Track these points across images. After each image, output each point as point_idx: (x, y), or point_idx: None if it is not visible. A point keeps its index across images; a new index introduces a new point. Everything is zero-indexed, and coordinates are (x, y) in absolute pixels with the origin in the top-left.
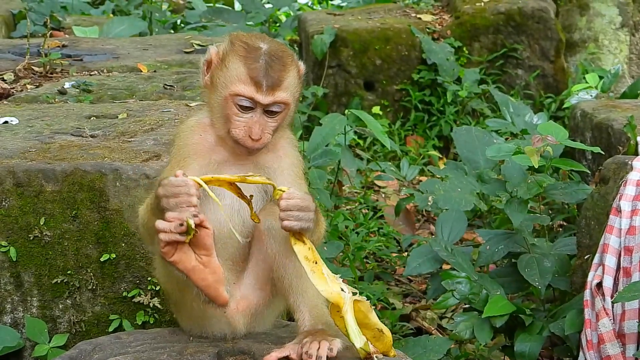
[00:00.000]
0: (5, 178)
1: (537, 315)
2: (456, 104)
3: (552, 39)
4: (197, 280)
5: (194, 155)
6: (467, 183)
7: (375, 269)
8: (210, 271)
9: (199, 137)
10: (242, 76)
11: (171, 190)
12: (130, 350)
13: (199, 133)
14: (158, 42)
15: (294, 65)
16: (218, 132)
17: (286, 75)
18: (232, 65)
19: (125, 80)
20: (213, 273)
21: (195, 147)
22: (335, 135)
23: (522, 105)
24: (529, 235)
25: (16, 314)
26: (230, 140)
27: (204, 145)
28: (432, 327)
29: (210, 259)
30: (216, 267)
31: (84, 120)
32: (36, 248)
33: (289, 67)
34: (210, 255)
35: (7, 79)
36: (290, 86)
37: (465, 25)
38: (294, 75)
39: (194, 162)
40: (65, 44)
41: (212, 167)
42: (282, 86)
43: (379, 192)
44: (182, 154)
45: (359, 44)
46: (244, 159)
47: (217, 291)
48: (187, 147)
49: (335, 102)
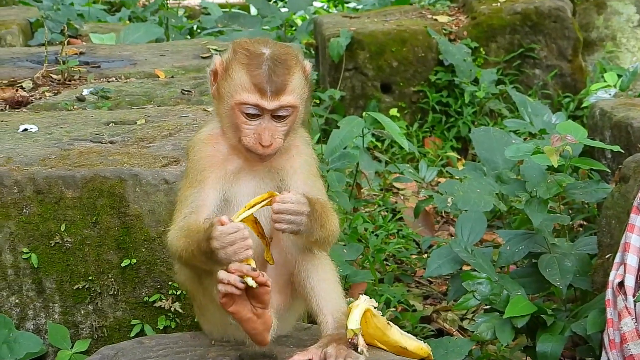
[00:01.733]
0: (26, 185)
1: (558, 315)
2: (474, 104)
3: (569, 38)
4: (248, 329)
5: (210, 168)
6: (486, 184)
7: (395, 271)
8: (262, 322)
9: (212, 149)
10: (245, 84)
11: (227, 239)
12: (152, 354)
13: (212, 145)
14: (175, 47)
15: (298, 67)
16: (230, 141)
17: (290, 79)
18: (236, 74)
19: (142, 86)
20: (264, 323)
21: (210, 159)
22: (353, 138)
23: (540, 105)
24: (549, 235)
25: (38, 320)
26: (242, 149)
27: (218, 157)
28: (453, 328)
29: (264, 312)
30: (268, 319)
31: (102, 127)
32: (57, 254)
33: (293, 70)
34: (266, 308)
35: (26, 87)
36: (296, 88)
37: (481, 25)
38: (299, 77)
39: (211, 174)
40: (82, 51)
41: (228, 177)
42: (287, 90)
43: (398, 194)
44: (198, 167)
45: (375, 46)
46: (257, 164)
47: (263, 336)
48: (202, 160)
49: (352, 104)
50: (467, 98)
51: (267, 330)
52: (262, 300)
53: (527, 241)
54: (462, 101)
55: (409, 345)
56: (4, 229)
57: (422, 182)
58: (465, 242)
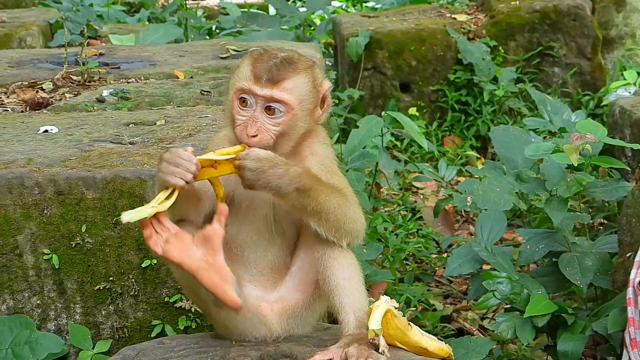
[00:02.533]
0: (47, 186)
1: (579, 314)
2: (493, 103)
3: (588, 36)
4: (202, 280)
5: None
6: (505, 183)
7: (415, 270)
8: (216, 270)
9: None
10: (246, 74)
11: (174, 160)
12: (173, 355)
13: (224, 145)
14: (194, 48)
15: (308, 73)
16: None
17: (292, 76)
18: (243, 67)
19: (162, 87)
20: (218, 272)
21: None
22: (373, 137)
23: (559, 104)
24: (570, 234)
25: (60, 320)
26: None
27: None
28: (473, 327)
29: (215, 259)
30: (221, 267)
31: (122, 128)
32: (78, 255)
33: (300, 72)
34: (216, 255)
35: (46, 88)
36: (297, 89)
37: (500, 24)
38: (305, 82)
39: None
40: (102, 52)
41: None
42: (284, 84)
43: (417, 194)
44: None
45: (394, 45)
46: None
47: (225, 292)
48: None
49: (371, 104)
50: (486, 97)
51: (226, 282)
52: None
53: (547, 240)
54: (481, 100)
55: (429, 346)
56: (25, 230)
57: (441, 181)
58: (485, 241)
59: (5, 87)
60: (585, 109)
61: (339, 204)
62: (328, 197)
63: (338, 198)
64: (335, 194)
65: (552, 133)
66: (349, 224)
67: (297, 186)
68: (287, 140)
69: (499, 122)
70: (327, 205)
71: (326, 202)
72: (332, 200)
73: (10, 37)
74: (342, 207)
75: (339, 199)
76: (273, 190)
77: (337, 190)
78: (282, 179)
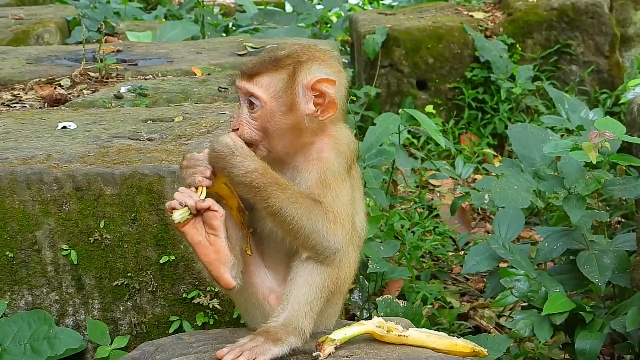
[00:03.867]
0: (65, 182)
1: (597, 312)
2: (510, 101)
3: (606, 34)
4: (200, 255)
5: None
6: (523, 180)
7: (432, 268)
8: (214, 250)
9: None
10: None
11: (192, 162)
12: (192, 350)
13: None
14: (211, 45)
15: (287, 70)
16: None
17: (267, 72)
18: None
19: (180, 83)
20: (216, 252)
21: None
22: (390, 134)
23: (577, 102)
24: (588, 231)
25: (78, 316)
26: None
27: None
28: (490, 325)
29: (217, 239)
30: (220, 247)
31: (140, 124)
32: (96, 251)
33: (277, 68)
34: (218, 236)
35: (64, 85)
36: (271, 86)
37: (517, 22)
38: (281, 78)
39: None
40: (119, 49)
41: None
42: (258, 79)
43: (434, 191)
44: None
45: (411, 43)
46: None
47: (219, 271)
48: None
49: (388, 101)
50: (503, 95)
51: (221, 263)
52: (211, 225)
53: (565, 238)
54: (498, 98)
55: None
56: (43, 226)
57: (458, 178)
58: (503, 238)
59: (24, 83)
60: (602, 107)
61: (299, 214)
62: (284, 203)
63: (300, 208)
64: (299, 203)
65: (569, 131)
66: (310, 238)
67: (245, 181)
68: (276, 138)
69: (515, 120)
70: (282, 210)
71: (280, 207)
72: (290, 207)
73: (27, 34)
74: (302, 217)
75: (301, 209)
76: (228, 178)
77: (307, 201)
78: (234, 169)
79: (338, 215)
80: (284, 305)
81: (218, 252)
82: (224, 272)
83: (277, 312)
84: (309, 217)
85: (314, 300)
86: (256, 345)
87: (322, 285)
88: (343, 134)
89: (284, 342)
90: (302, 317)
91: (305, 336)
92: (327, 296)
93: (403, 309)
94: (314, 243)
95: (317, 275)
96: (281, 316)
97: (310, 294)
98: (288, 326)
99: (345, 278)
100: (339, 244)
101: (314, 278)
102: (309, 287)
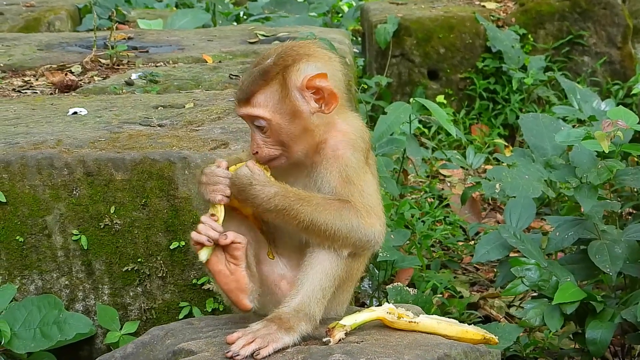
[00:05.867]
0: (76, 167)
1: (608, 302)
2: (521, 91)
3: (619, 25)
4: (220, 283)
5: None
6: (534, 170)
7: (442, 257)
8: (235, 279)
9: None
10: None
11: (212, 179)
12: (202, 335)
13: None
14: (222, 33)
15: (277, 80)
16: None
17: (260, 88)
18: None
19: (190, 70)
20: (237, 282)
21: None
22: (401, 123)
23: (589, 92)
24: (600, 221)
25: (88, 301)
26: None
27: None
28: (500, 315)
29: (237, 269)
30: (240, 277)
31: (151, 110)
32: (107, 236)
33: (268, 81)
34: (238, 265)
35: (75, 71)
36: (268, 101)
37: (530, 12)
38: (274, 90)
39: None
40: (130, 36)
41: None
42: (253, 100)
43: (444, 181)
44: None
45: (422, 32)
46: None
47: (238, 298)
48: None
49: (399, 91)
50: (515, 85)
51: (241, 291)
52: (232, 255)
53: (576, 227)
54: (509, 88)
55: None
56: (54, 211)
57: (469, 168)
58: (514, 228)
59: (35, 69)
60: (614, 98)
61: (331, 220)
62: (314, 214)
63: (331, 213)
64: (328, 209)
65: (581, 121)
66: (349, 237)
67: (270, 207)
68: (293, 146)
69: (527, 111)
70: (314, 222)
71: (311, 219)
72: (320, 216)
73: (39, 21)
74: (335, 221)
75: (332, 213)
76: (253, 207)
77: (334, 203)
78: (256, 198)
79: (370, 208)
80: (297, 290)
81: (238, 281)
82: (243, 299)
83: (290, 297)
84: (341, 218)
85: (326, 287)
86: (269, 333)
87: (336, 273)
88: (354, 125)
89: (296, 330)
90: (314, 303)
91: (316, 322)
92: (340, 283)
93: (413, 297)
94: (354, 241)
95: (331, 262)
96: (293, 301)
97: (323, 280)
98: (300, 312)
99: (359, 266)
100: (378, 234)
101: (328, 265)
102: (323, 274)
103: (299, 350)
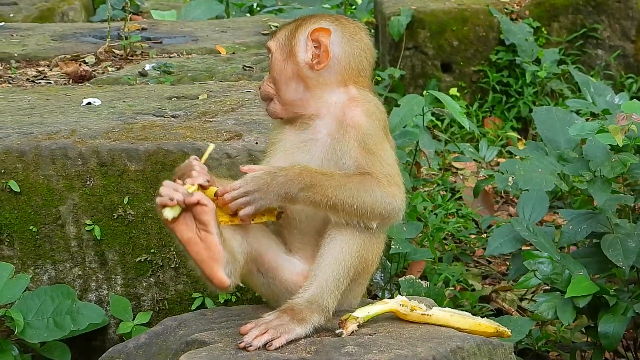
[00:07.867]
0: (90, 158)
1: (620, 296)
2: (535, 85)
3: (633, 19)
4: (191, 253)
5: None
6: (548, 163)
7: (454, 250)
8: (206, 246)
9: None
10: None
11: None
12: (215, 326)
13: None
14: (236, 24)
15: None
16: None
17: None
18: None
19: (204, 62)
20: (208, 249)
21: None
22: (414, 116)
23: (603, 86)
24: (613, 215)
25: (101, 291)
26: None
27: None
28: (512, 308)
29: (207, 235)
30: (212, 244)
31: (165, 101)
32: (120, 227)
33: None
34: (209, 232)
35: (89, 62)
36: (280, 38)
37: (544, 5)
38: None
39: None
40: (144, 27)
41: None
42: (274, 36)
43: (457, 174)
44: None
45: (436, 25)
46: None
47: (212, 269)
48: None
49: (412, 84)
50: (528, 78)
51: (214, 260)
52: (201, 220)
53: (589, 221)
54: (523, 81)
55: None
56: (67, 201)
57: (482, 161)
58: (526, 221)
59: (48, 60)
60: (628, 91)
61: (355, 193)
62: (337, 189)
63: (355, 186)
64: (350, 183)
65: (594, 115)
66: (374, 209)
67: (300, 186)
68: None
69: (540, 104)
70: (339, 197)
71: (337, 194)
72: (344, 191)
73: (52, 11)
74: (360, 194)
75: (356, 187)
76: (283, 198)
77: (356, 177)
78: (286, 183)
79: (390, 177)
80: (311, 281)
81: (210, 248)
82: (217, 270)
83: (304, 288)
84: (365, 190)
85: (340, 278)
86: (282, 324)
87: (351, 264)
88: (368, 97)
89: (308, 322)
90: (328, 295)
91: (329, 314)
92: (354, 276)
93: (426, 290)
94: (379, 212)
95: (346, 254)
96: (307, 292)
97: (338, 272)
98: (313, 303)
99: (373, 258)
100: (400, 203)
101: (343, 256)
102: (338, 265)
103: (311, 342)
